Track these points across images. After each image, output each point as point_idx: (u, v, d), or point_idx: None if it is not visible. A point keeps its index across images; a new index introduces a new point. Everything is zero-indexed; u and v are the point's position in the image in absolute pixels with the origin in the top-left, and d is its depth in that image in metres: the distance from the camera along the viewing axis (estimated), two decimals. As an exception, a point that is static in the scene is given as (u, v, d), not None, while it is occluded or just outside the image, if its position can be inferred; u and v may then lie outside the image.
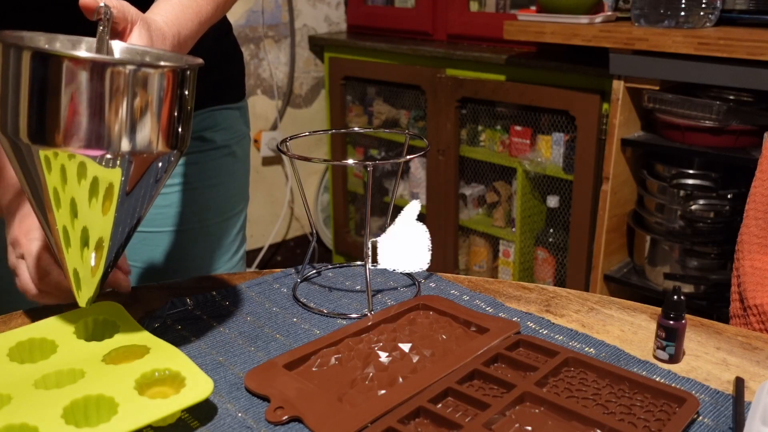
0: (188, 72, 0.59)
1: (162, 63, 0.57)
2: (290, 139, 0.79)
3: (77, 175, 0.56)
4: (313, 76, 2.73)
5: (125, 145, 0.55)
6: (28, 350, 0.63)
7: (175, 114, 0.58)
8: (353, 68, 2.50)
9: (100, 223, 0.59)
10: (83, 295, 0.63)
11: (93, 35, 0.62)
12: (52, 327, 0.65)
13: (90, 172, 0.56)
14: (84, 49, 0.64)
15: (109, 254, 0.61)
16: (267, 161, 2.64)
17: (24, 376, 0.57)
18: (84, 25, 0.61)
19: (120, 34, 0.61)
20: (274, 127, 2.63)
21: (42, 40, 0.62)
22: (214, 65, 0.83)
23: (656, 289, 1.72)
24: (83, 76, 0.53)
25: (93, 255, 0.60)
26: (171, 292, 0.80)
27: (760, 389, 0.56)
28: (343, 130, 0.89)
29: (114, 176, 0.57)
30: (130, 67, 0.54)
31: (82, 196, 0.57)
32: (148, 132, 0.56)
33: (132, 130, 0.55)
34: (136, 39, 0.62)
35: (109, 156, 0.55)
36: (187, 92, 0.59)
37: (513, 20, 1.81)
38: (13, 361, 0.60)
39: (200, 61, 0.60)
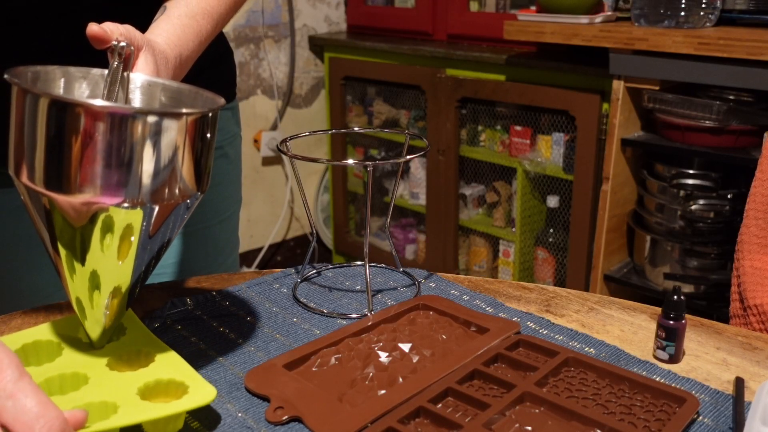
0: (211, 116, 0.57)
1: (184, 110, 0.55)
2: (290, 139, 0.79)
3: (94, 231, 0.54)
4: (313, 76, 2.73)
5: (146, 194, 0.53)
6: (34, 353, 0.63)
7: (200, 157, 0.56)
8: (353, 68, 2.50)
9: (116, 275, 0.58)
10: (92, 333, 0.61)
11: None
12: (59, 329, 0.65)
13: (106, 226, 0.54)
14: (97, 81, 0.62)
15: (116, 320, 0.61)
16: (267, 161, 2.64)
17: None
18: (91, 49, 0.60)
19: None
20: (274, 127, 2.63)
21: (57, 74, 0.60)
22: (206, 67, 0.83)
23: (656, 289, 1.72)
24: (103, 127, 0.51)
25: (105, 305, 0.59)
26: (171, 292, 0.80)
27: (760, 389, 0.56)
28: (343, 130, 0.89)
29: (133, 235, 0.55)
30: (152, 118, 0.52)
31: (97, 255, 0.55)
32: (171, 178, 0.54)
33: (153, 178, 0.53)
34: (142, 65, 0.61)
35: (126, 205, 0.53)
36: (209, 135, 0.57)
37: (513, 20, 1.81)
38: None
39: (222, 101, 0.59)
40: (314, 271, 0.85)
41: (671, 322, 0.64)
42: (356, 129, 0.96)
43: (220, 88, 0.98)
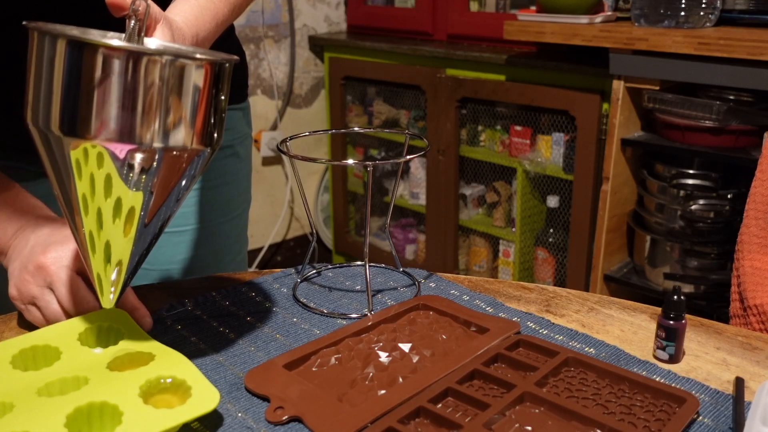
0: (226, 66, 0.57)
1: (198, 55, 0.55)
2: (290, 139, 0.79)
3: (104, 190, 0.54)
4: (313, 76, 2.73)
5: (158, 140, 0.54)
6: (31, 357, 0.62)
7: (211, 109, 0.57)
8: (353, 68, 2.50)
9: (122, 242, 0.57)
10: (106, 298, 0.61)
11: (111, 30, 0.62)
12: (57, 334, 0.64)
13: (115, 190, 0.54)
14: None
15: (130, 264, 0.60)
16: (267, 161, 2.64)
17: (27, 384, 0.57)
18: (106, 23, 0.60)
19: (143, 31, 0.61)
20: (274, 127, 2.63)
21: (75, 32, 0.60)
22: None
23: (656, 289, 1.72)
24: (119, 66, 0.51)
25: (116, 268, 0.59)
26: (171, 293, 0.80)
27: (760, 389, 0.56)
28: (343, 130, 0.89)
29: (136, 199, 0.55)
30: (167, 58, 0.53)
31: (108, 210, 0.55)
32: (183, 126, 0.54)
33: (166, 124, 0.54)
34: (159, 36, 0.61)
35: (139, 154, 0.53)
36: (223, 87, 0.58)
37: (513, 20, 1.81)
38: (16, 368, 0.60)
39: (236, 57, 0.59)
40: (314, 271, 0.85)
41: (671, 322, 0.64)
42: (356, 129, 0.96)
43: (232, 89, 0.98)
